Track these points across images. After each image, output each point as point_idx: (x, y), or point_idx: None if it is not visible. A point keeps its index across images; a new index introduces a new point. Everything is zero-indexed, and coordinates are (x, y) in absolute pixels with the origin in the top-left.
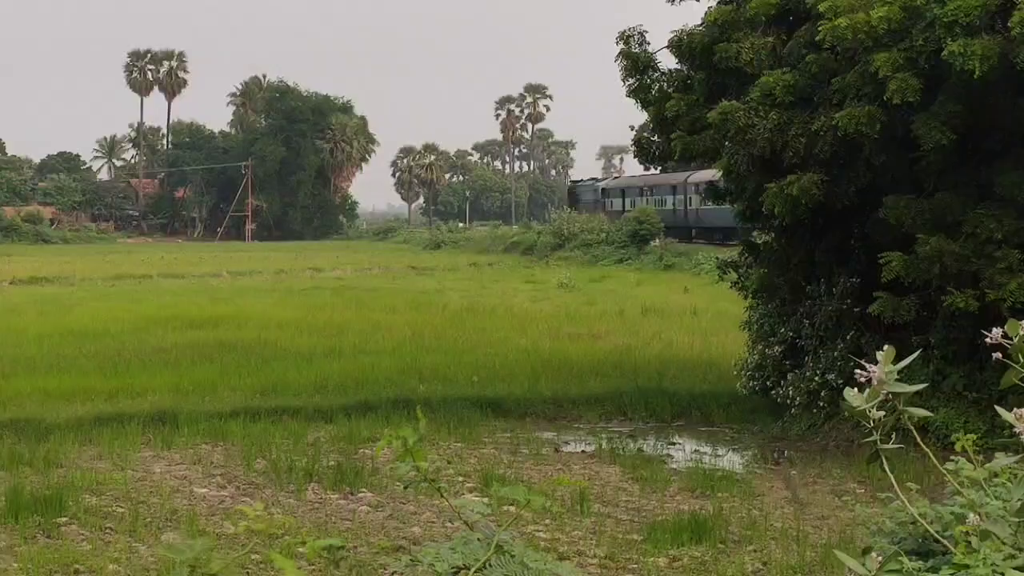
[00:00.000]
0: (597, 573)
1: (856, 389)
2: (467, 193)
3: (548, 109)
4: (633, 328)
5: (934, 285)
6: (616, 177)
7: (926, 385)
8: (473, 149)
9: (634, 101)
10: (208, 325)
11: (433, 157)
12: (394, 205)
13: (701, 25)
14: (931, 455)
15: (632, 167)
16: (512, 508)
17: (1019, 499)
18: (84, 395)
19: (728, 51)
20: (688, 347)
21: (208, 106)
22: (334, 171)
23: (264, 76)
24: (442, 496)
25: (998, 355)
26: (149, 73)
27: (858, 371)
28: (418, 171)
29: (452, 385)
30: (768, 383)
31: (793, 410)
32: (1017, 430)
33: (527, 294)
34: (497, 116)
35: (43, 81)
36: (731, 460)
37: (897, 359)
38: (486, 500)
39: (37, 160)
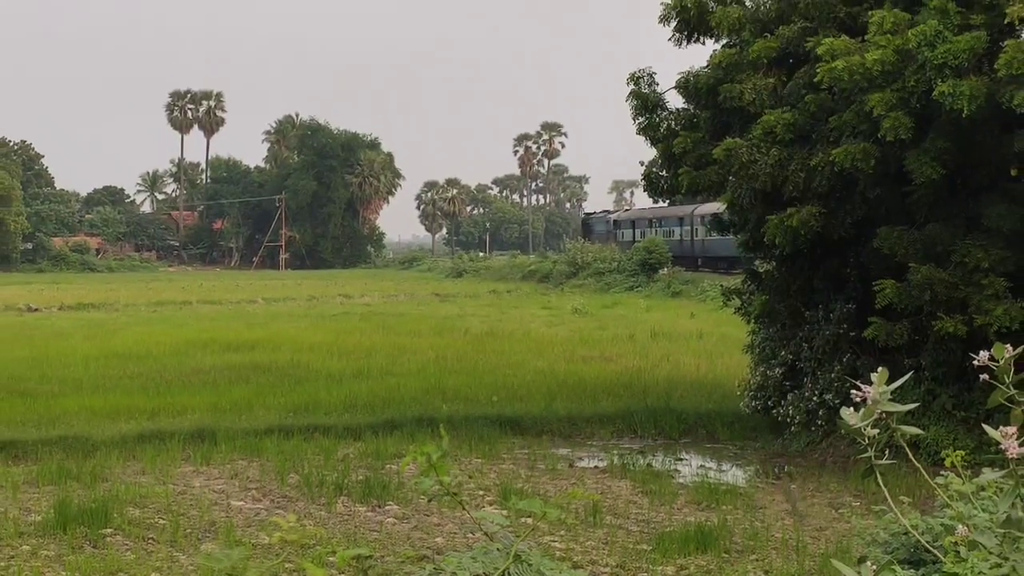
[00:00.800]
0: None
1: (852, 408)
2: (487, 224)
3: (563, 146)
4: (643, 351)
5: (925, 311)
6: (627, 209)
7: (917, 405)
8: (493, 183)
9: (644, 138)
10: (244, 348)
11: (455, 191)
12: (418, 236)
13: (707, 67)
14: (922, 470)
15: (642, 200)
16: (529, 520)
17: (1005, 511)
18: (128, 414)
19: (732, 91)
20: (694, 369)
21: (244, 143)
22: (362, 204)
23: (297, 115)
24: (464, 509)
25: (985, 376)
26: (189, 112)
27: (854, 391)
28: (441, 204)
29: (473, 405)
30: (769, 403)
31: (793, 428)
32: (1003, 447)
33: (543, 319)
34: (515, 152)
35: (89, 119)
36: (735, 475)
37: (890, 380)
38: (505, 512)
39: (84, 194)
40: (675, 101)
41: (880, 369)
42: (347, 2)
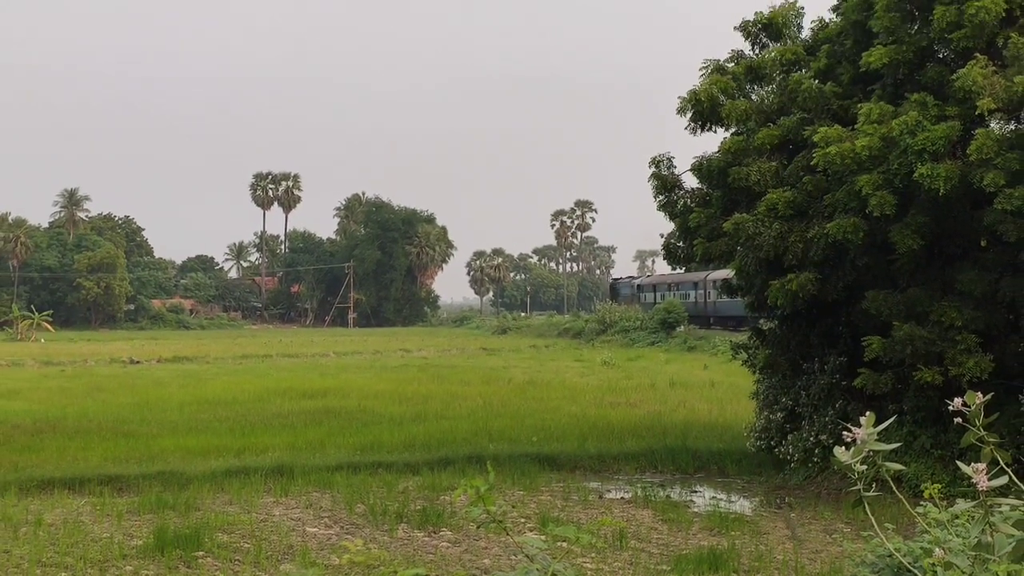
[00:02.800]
0: None
1: (844, 447)
2: (528, 288)
3: (594, 220)
4: (662, 398)
5: (907, 363)
6: (649, 275)
7: (900, 444)
8: (533, 253)
9: (663, 214)
10: (318, 395)
11: (500, 259)
12: (468, 298)
13: (718, 152)
14: (904, 501)
15: (662, 267)
16: (564, 544)
17: (976, 536)
18: (217, 452)
19: (740, 173)
20: (707, 413)
21: (318, 217)
22: (420, 270)
23: (363, 193)
24: (508, 534)
25: (959, 420)
26: (270, 191)
27: (845, 433)
28: (488, 270)
29: (516, 444)
30: (772, 442)
31: (792, 464)
32: (974, 481)
33: (576, 370)
34: (552, 226)
35: (184, 197)
36: (742, 505)
37: (876, 423)
38: (543, 537)
39: (179, 261)
40: (690, 181)
41: (868, 413)
42: (407, 96)
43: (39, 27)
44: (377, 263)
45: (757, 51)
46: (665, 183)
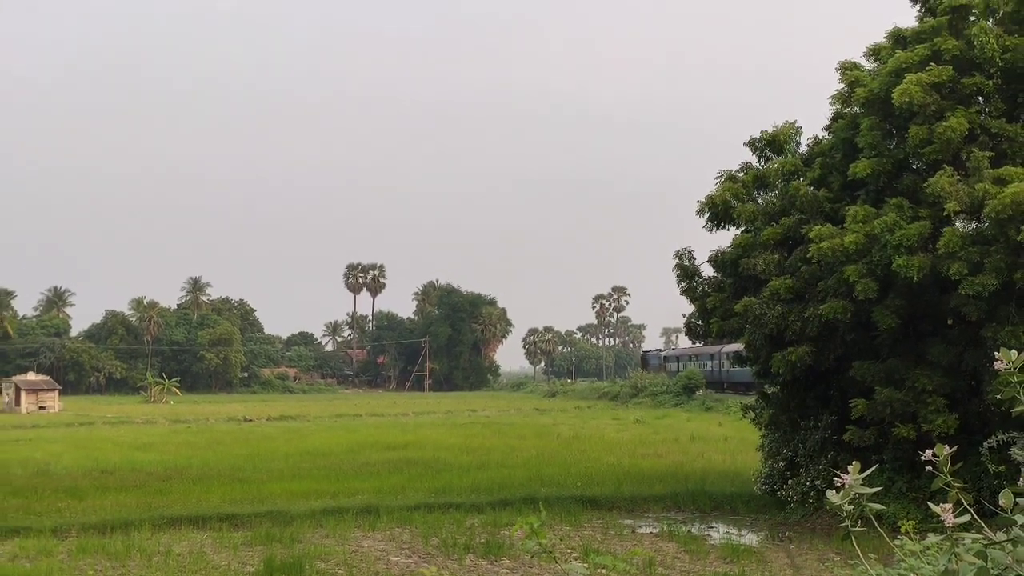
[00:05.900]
0: None
1: (834, 491)
2: (573, 359)
3: (627, 303)
4: (684, 450)
5: (886, 421)
6: (673, 348)
7: (881, 488)
8: (577, 329)
9: (685, 297)
10: (399, 448)
11: (550, 335)
12: (524, 367)
13: (730, 246)
14: (884, 535)
15: (684, 341)
16: (603, 571)
17: (944, 564)
18: (316, 494)
19: (748, 264)
20: (721, 462)
21: (399, 301)
22: (484, 344)
23: (437, 280)
24: (556, 562)
25: (930, 468)
26: (359, 279)
27: (836, 478)
28: (540, 344)
29: (563, 488)
30: (775, 486)
31: (792, 505)
32: (943, 519)
33: (613, 427)
34: (593, 308)
35: (289, 282)
36: (750, 538)
37: (861, 471)
38: (586, 565)
39: (285, 337)
40: (707, 271)
41: (854, 463)
42: (469, 199)
43: (167, 142)
44: (448, 338)
45: (763, 163)
46: (687, 272)
